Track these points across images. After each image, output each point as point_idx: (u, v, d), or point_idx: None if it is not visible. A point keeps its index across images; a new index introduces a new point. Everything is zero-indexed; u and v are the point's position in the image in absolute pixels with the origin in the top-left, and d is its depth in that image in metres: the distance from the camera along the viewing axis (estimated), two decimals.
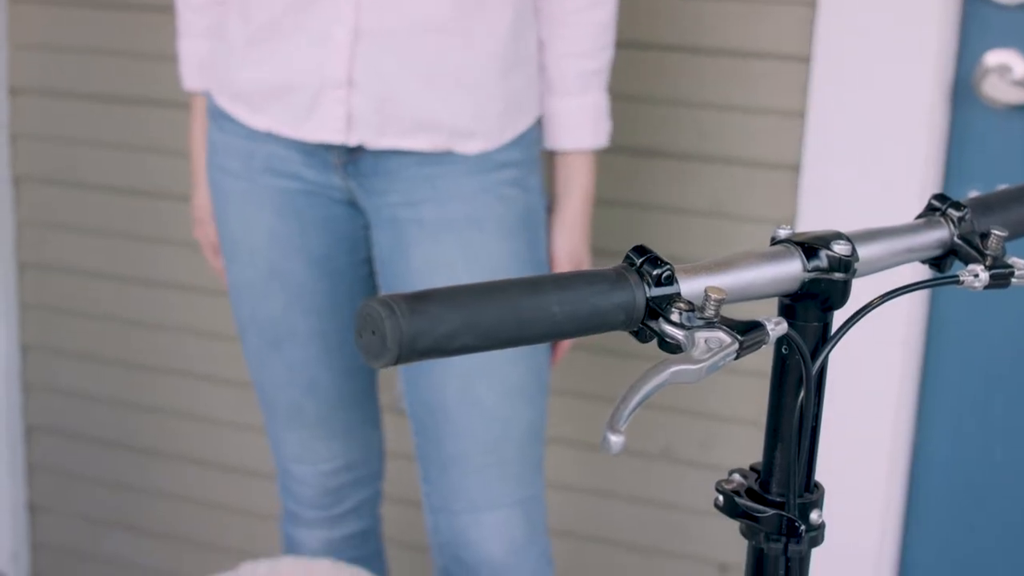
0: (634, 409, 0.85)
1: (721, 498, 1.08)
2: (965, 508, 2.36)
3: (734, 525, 2.51)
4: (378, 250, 1.78)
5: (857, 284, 1.03)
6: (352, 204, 1.80)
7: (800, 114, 2.17)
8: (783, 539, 1.05)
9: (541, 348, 1.77)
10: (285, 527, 2.03)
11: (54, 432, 2.90)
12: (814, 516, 1.06)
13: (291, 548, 2.02)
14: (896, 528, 2.38)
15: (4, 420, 2.87)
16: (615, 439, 0.84)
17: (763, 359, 2.36)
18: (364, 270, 1.86)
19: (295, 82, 1.70)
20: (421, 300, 0.84)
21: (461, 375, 1.72)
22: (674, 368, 0.88)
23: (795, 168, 2.19)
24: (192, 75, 1.96)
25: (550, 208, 1.86)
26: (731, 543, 2.43)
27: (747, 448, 2.37)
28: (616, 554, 2.50)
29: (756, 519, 1.06)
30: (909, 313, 2.21)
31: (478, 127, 1.70)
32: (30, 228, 2.81)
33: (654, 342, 0.93)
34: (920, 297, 2.24)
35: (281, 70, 1.70)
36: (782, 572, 1.06)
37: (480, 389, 1.72)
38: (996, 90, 2.09)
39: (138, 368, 2.76)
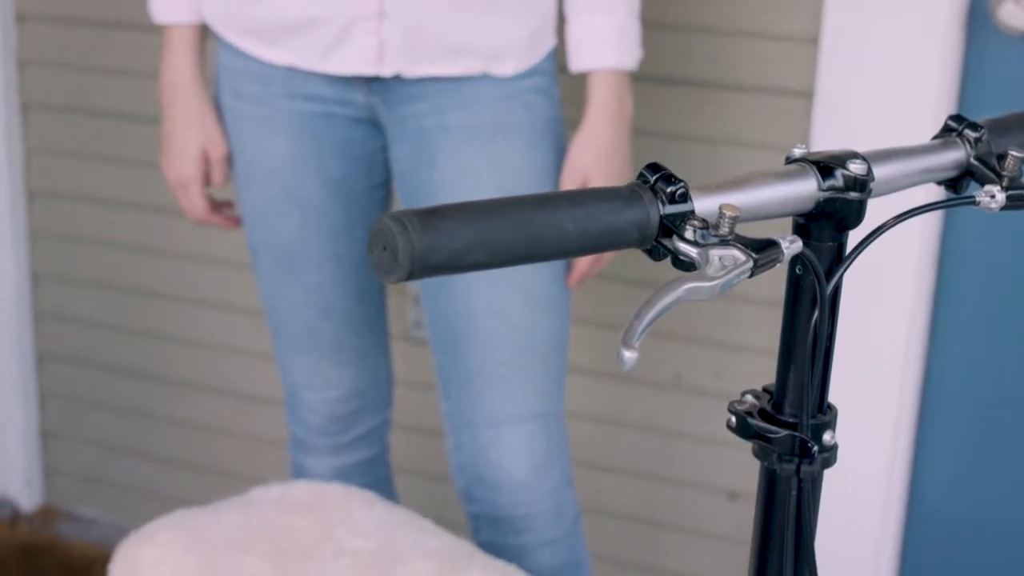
0: (648, 325, 0.84)
1: (734, 419, 1.08)
2: (976, 432, 2.36)
3: (744, 453, 2.52)
4: (399, 164, 1.77)
5: (872, 206, 1.02)
6: (372, 123, 1.79)
7: (814, 40, 2.16)
8: (795, 460, 1.05)
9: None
10: (294, 454, 2.04)
11: (65, 359, 2.90)
12: (827, 437, 1.05)
13: (300, 475, 2.02)
14: (907, 452, 2.38)
15: (16, 348, 2.88)
16: (629, 355, 0.83)
17: (775, 287, 2.36)
18: (380, 193, 1.85)
19: (321, 15, 1.68)
20: (433, 216, 0.83)
21: (487, 284, 1.71)
22: (688, 285, 0.87)
23: (809, 95, 2.18)
24: (173, 5, 1.85)
25: None
26: (741, 471, 2.43)
27: (758, 377, 2.37)
28: (627, 482, 2.50)
29: (768, 440, 1.06)
30: (922, 237, 2.20)
31: (511, 49, 1.71)
32: (38, 156, 2.80)
33: (668, 263, 0.93)
34: (933, 222, 2.23)
35: (306, 4, 1.68)
36: (794, 493, 1.05)
37: (506, 298, 1.71)
38: (1012, 17, 2.06)
39: (148, 295, 2.76)
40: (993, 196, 1.05)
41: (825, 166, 1.00)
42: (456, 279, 1.70)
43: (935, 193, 1.12)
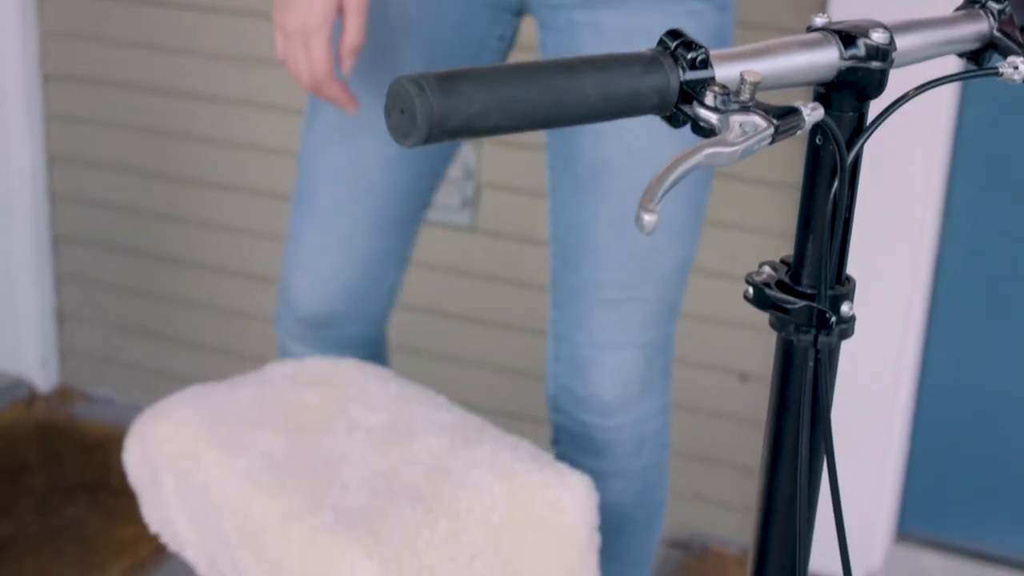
0: (668, 189, 0.84)
1: (751, 290, 1.08)
2: (986, 309, 2.36)
3: (757, 335, 2.53)
4: (544, 52, 1.66)
5: (893, 78, 1.01)
6: (509, 8, 1.67)
7: None
8: (813, 331, 1.04)
9: (705, 183, 1.67)
10: (279, 331, 1.93)
11: (80, 242, 2.90)
12: (845, 308, 1.05)
13: (284, 355, 1.91)
14: (918, 334, 2.39)
15: (32, 230, 2.88)
16: (648, 218, 0.83)
17: (791, 170, 2.34)
18: None
19: None
20: (452, 79, 0.82)
21: (617, 200, 1.61)
22: (709, 150, 0.86)
23: None
24: None
25: None
26: (752, 353, 2.44)
27: (777, 254, 2.36)
28: None
29: (786, 311, 1.05)
30: (936, 119, 2.19)
31: None
32: (53, 39, 2.78)
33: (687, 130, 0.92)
34: (948, 107, 2.21)
35: None
36: (811, 364, 1.05)
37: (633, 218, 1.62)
38: None
39: (164, 178, 2.76)
40: (1016, 68, 1.04)
41: (847, 35, 0.98)
42: (586, 188, 1.60)
43: (957, 66, 1.11)
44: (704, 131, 0.90)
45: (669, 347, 1.76)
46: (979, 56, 1.10)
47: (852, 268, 1.07)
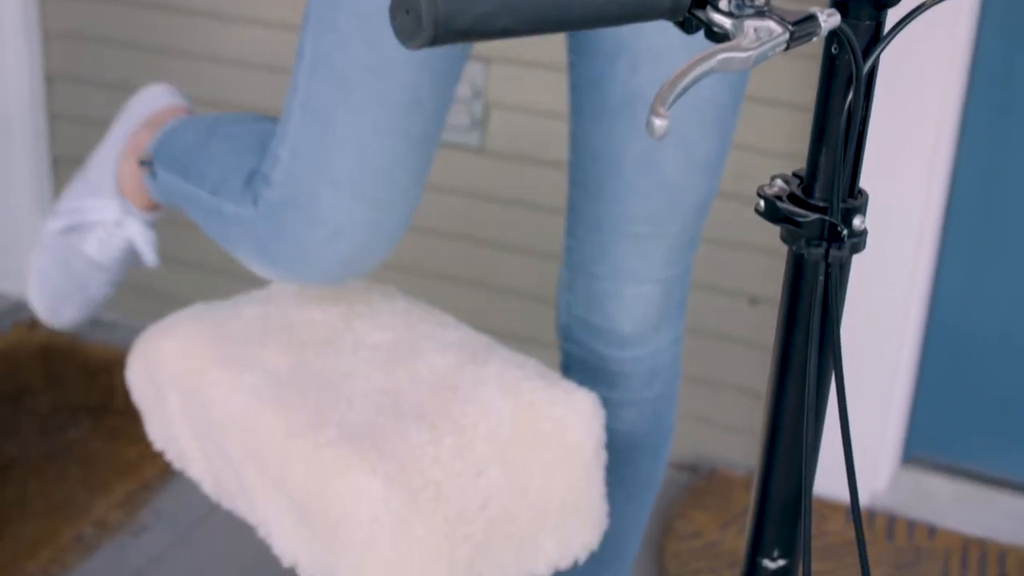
0: (680, 94, 0.82)
1: (762, 203, 1.06)
2: (999, 232, 2.34)
3: (766, 258, 2.52)
4: None
5: None
6: None
7: None
8: (824, 244, 1.03)
9: (733, 118, 1.62)
10: None
11: (81, 162, 2.88)
12: (857, 222, 1.03)
13: None
14: (930, 252, 2.38)
15: (31, 151, 2.87)
16: (659, 122, 0.81)
17: (802, 91, 2.32)
18: None
19: None
20: None
21: (643, 131, 1.56)
22: (722, 55, 0.84)
23: None
24: None
25: None
26: (762, 276, 2.43)
27: None
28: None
29: (797, 224, 1.03)
30: (953, 34, 2.16)
31: None
32: None
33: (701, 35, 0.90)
34: (967, 23, 2.18)
35: None
36: (822, 278, 1.04)
37: (664, 152, 1.58)
38: None
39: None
40: None
41: None
42: (614, 118, 1.56)
43: None
44: (718, 36, 0.88)
45: (687, 279, 1.74)
46: None
47: (866, 176, 1.05)
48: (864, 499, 2.44)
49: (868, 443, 2.41)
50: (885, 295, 2.32)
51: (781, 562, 1.14)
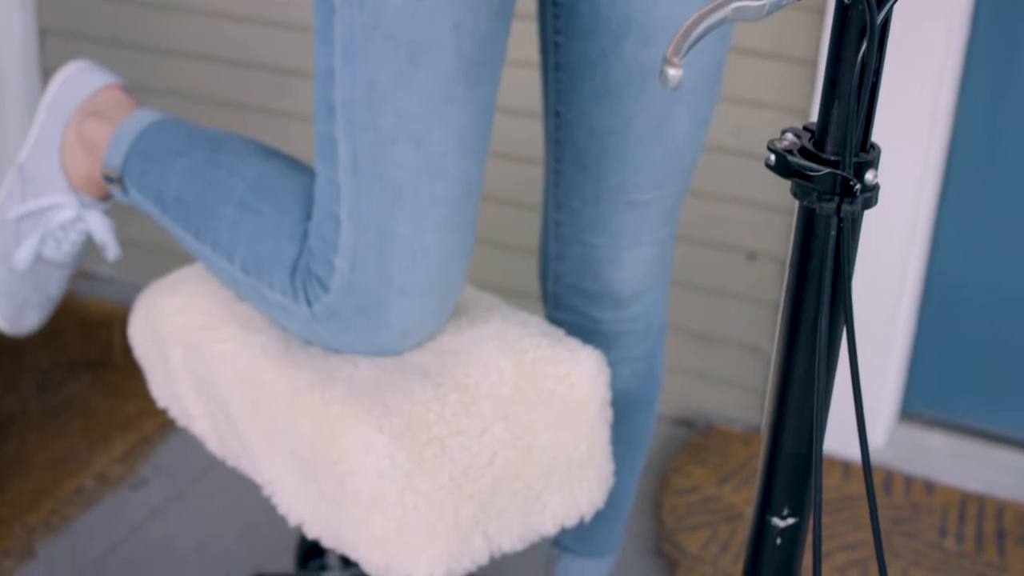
0: (694, 43, 0.81)
1: (773, 157, 1.05)
2: (999, 187, 2.34)
3: (764, 213, 2.51)
4: None
5: None
6: None
7: None
8: (836, 199, 1.02)
9: (720, 70, 1.60)
10: None
11: None
12: (869, 176, 1.03)
13: None
14: (930, 206, 2.37)
15: (24, 106, 2.86)
16: (673, 72, 0.80)
17: (802, 45, 2.30)
18: None
19: None
20: None
21: (657, 103, 1.54)
22: (735, 4, 0.84)
23: None
24: None
25: None
26: (760, 231, 2.42)
27: (778, 134, 2.34)
28: None
29: (809, 178, 1.03)
30: None
31: None
32: None
33: None
34: None
35: None
36: (834, 233, 1.03)
37: (674, 119, 1.55)
38: None
39: (159, 52, 2.72)
40: None
41: None
42: (619, 94, 1.53)
43: None
44: None
45: (675, 232, 1.73)
46: None
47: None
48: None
49: (866, 399, 2.41)
50: (884, 251, 2.31)
51: (791, 520, 1.14)
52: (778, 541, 1.15)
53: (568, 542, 1.85)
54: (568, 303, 1.69)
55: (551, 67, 1.58)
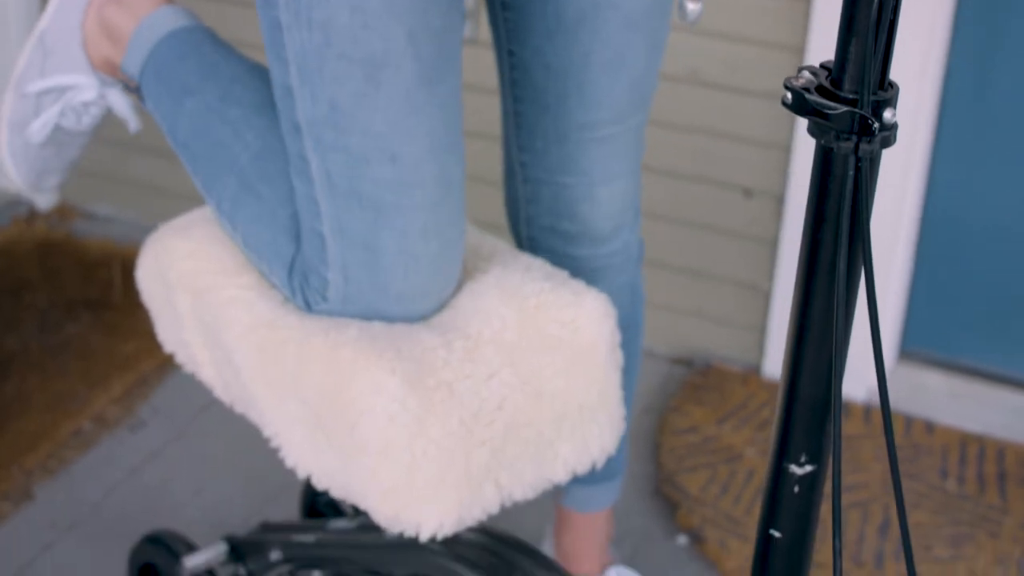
0: None
1: (790, 95, 1.04)
2: (994, 126, 2.33)
3: (760, 151, 2.50)
4: None
5: None
6: None
7: None
8: (854, 138, 1.01)
9: None
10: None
11: None
12: (887, 115, 1.01)
13: None
14: (925, 145, 2.36)
15: (28, 37, 2.82)
16: (693, 6, 0.79)
17: None
18: None
19: None
20: None
21: (614, 34, 1.51)
22: None
23: None
24: None
25: None
26: (756, 169, 2.41)
27: (776, 71, 2.32)
28: (645, 177, 2.47)
29: (826, 117, 1.01)
30: None
31: None
32: None
33: None
34: None
35: None
36: (851, 172, 1.02)
37: (633, 48, 1.52)
38: None
39: None
40: None
41: None
42: (574, 30, 1.50)
43: None
44: None
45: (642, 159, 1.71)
46: None
47: None
48: (860, 395, 2.45)
49: (863, 337, 2.40)
50: (880, 191, 2.30)
51: (808, 468, 1.12)
52: (796, 489, 1.13)
53: None
54: (546, 245, 1.66)
55: (498, 6, 1.54)
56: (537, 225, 1.66)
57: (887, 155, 2.26)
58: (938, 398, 2.44)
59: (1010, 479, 2.25)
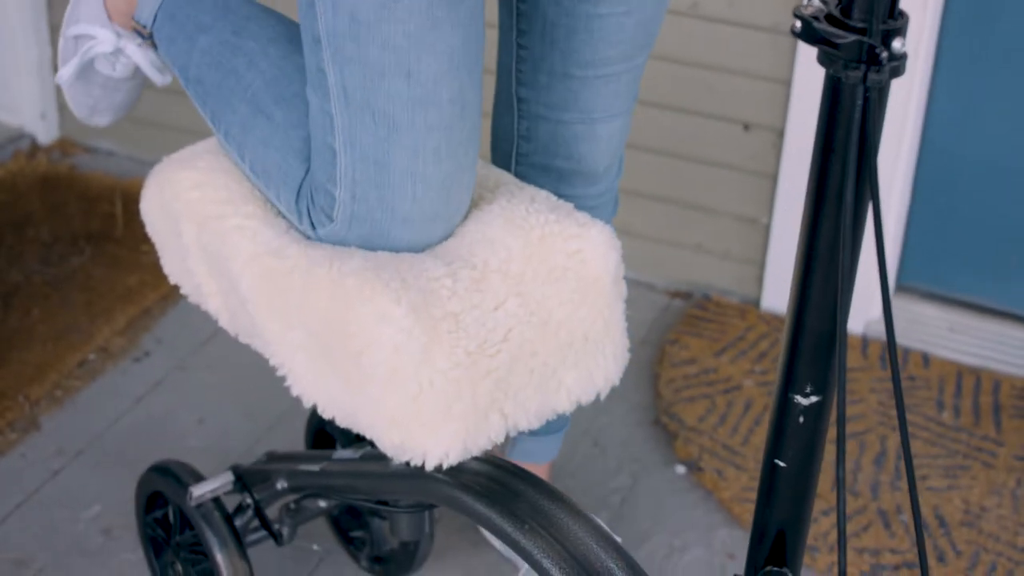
0: None
1: (799, 23, 1.04)
2: (991, 61, 2.33)
3: (760, 84, 2.49)
4: None
5: None
6: None
7: None
8: (863, 67, 1.01)
9: None
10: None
11: None
12: (897, 44, 1.02)
13: None
14: (923, 80, 2.36)
15: None
16: None
17: None
18: None
19: None
20: None
21: None
22: None
23: None
24: None
25: None
26: (756, 103, 2.41)
27: (775, 4, 2.31)
28: (644, 111, 2.48)
29: (835, 45, 1.01)
30: None
31: None
32: None
33: None
34: None
35: None
36: (860, 102, 1.02)
37: None
38: None
39: None
40: None
41: None
42: None
43: None
44: None
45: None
46: None
47: None
48: (858, 327, 2.46)
49: (861, 271, 2.41)
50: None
51: (814, 398, 1.13)
52: (801, 419, 1.15)
53: None
54: (536, 184, 1.66)
55: None
56: (528, 163, 1.66)
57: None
58: (935, 331, 2.46)
59: (1005, 411, 2.27)
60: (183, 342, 2.40)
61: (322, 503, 1.76)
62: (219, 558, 1.70)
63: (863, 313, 2.45)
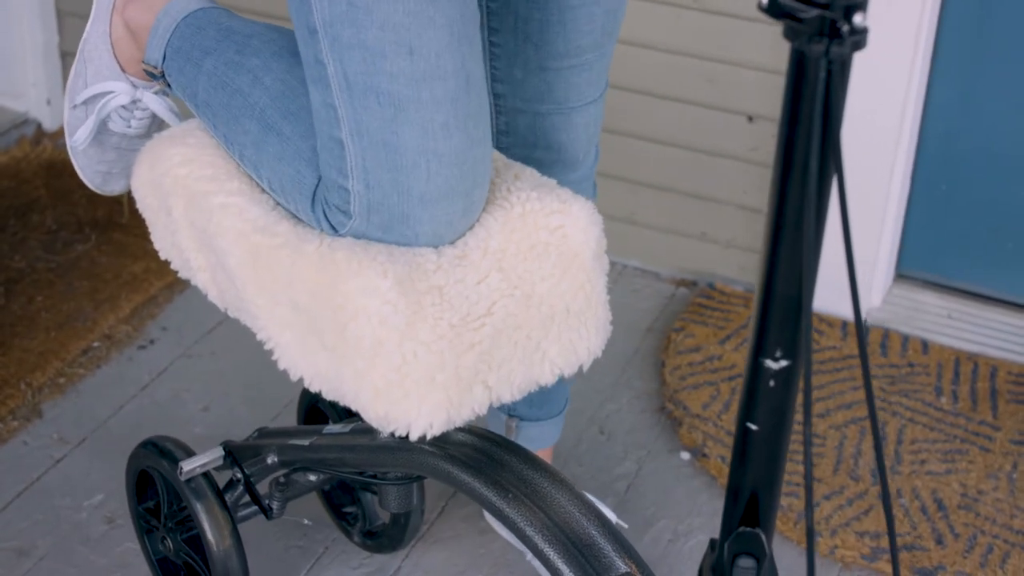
0: None
1: (766, 1, 1.06)
2: (992, 49, 2.34)
3: (764, 76, 2.51)
4: None
5: None
6: None
7: None
8: (825, 40, 1.03)
9: None
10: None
11: None
12: (858, 19, 1.03)
13: None
14: (923, 68, 2.37)
15: None
16: None
17: None
18: None
19: None
20: None
21: None
22: None
23: None
24: None
25: None
26: (760, 95, 2.42)
27: None
28: (649, 103, 2.50)
29: (799, 19, 1.04)
30: None
31: None
32: None
33: None
34: None
35: None
36: (823, 75, 1.04)
37: None
38: None
39: None
40: None
41: None
42: None
43: None
44: None
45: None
46: None
47: None
48: None
49: (861, 259, 2.43)
50: (878, 112, 2.32)
51: (783, 363, 1.16)
52: (771, 383, 1.17)
53: (524, 411, 1.92)
54: None
55: None
56: (509, 156, 1.68)
57: (887, 76, 2.28)
58: (934, 318, 2.47)
59: (1002, 396, 2.28)
60: (188, 330, 2.42)
61: (312, 477, 1.77)
62: (209, 532, 1.71)
63: (863, 300, 2.46)
